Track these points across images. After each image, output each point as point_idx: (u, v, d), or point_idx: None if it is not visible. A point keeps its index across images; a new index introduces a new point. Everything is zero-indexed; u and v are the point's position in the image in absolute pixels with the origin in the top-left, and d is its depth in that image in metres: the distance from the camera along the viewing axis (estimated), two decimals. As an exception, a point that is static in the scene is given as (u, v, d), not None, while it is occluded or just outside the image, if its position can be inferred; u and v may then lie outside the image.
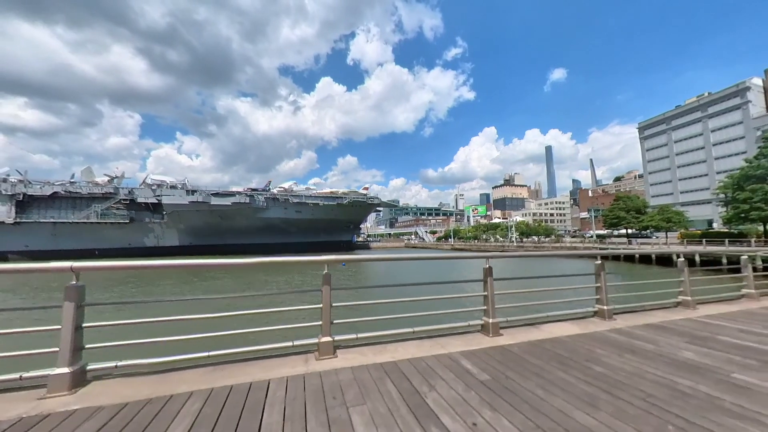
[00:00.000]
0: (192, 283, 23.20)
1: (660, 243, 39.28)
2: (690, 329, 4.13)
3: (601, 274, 4.66)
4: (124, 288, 21.02)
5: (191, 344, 2.91)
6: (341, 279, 23.93)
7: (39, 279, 23.02)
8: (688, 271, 5.47)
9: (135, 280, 23.92)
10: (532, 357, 3.15)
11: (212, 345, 2.96)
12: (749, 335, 3.84)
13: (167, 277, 25.59)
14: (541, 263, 32.77)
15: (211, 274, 26.30)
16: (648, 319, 4.67)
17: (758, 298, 6.17)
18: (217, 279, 24.35)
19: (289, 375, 2.66)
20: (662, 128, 75.89)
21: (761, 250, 8.49)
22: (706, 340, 3.66)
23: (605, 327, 4.23)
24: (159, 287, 21.46)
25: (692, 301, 5.38)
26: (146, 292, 19.86)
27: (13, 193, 49.18)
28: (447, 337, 3.78)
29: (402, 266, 32.38)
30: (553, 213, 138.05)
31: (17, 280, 23.05)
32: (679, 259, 5.64)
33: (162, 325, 2.93)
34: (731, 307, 5.48)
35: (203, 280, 24.19)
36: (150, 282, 23.32)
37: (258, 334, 3.14)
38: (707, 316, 4.87)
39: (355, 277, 25.63)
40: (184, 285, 22.36)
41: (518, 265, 30.65)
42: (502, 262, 33.11)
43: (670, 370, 2.83)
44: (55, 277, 21.41)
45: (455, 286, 15.91)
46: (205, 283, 22.93)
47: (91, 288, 3.15)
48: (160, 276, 25.66)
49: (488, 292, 3.89)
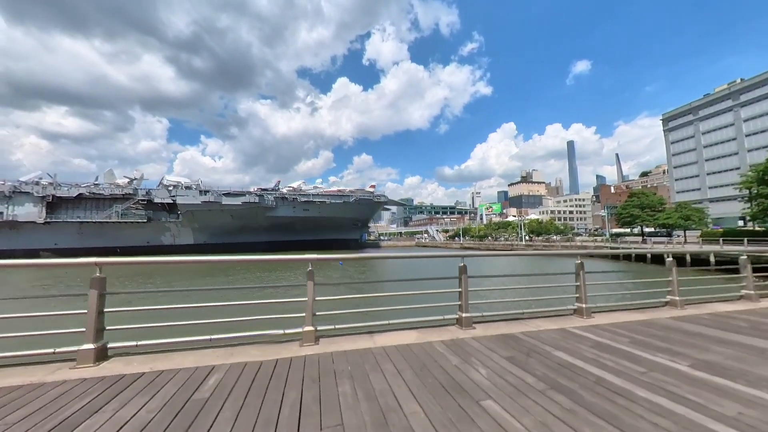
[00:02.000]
0: (202, 278, 24.91)
1: (674, 242, 36.76)
2: (657, 328, 4.17)
3: (580, 274, 4.82)
4: (143, 280, 23.02)
5: (194, 329, 3.50)
6: (343, 275, 24.83)
7: (69, 272, 25.76)
8: (676, 271, 5.48)
9: (155, 275, 25.86)
10: (497, 347, 3.42)
11: (212, 330, 3.49)
12: (695, 337, 3.78)
13: (181, 272, 27.43)
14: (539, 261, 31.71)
15: (221, 269, 28.12)
16: (627, 317, 4.76)
17: (757, 300, 6.04)
18: (229, 275, 25.80)
19: (279, 357, 3.11)
20: (689, 119, 70.91)
21: (757, 250, 8.23)
22: (663, 339, 3.72)
23: (580, 324, 4.35)
24: (174, 281, 23.32)
25: (680, 301, 5.39)
26: (162, 285, 21.60)
27: (44, 195, 53.20)
28: (422, 329, 4.10)
29: (409, 264, 32.61)
30: (573, 210, 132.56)
31: (51, 273, 26.18)
32: (668, 258, 5.68)
33: (171, 311, 3.58)
34: (722, 308, 5.40)
35: (214, 275, 25.95)
36: (167, 276, 25.24)
37: (252, 322, 3.62)
38: (685, 317, 4.82)
39: (360, 275, 26.18)
40: (195, 279, 24.15)
41: (526, 263, 29.90)
42: (505, 260, 32.49)
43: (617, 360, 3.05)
44: (80, 271, 23.74)
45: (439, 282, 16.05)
46: (216, 278, 24.56)
47: (113, 280, 3.80)
48: (177, 272, 27.57)
49: (462, 288, 4.19)
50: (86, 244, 55.76)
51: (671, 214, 39.62)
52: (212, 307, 3.80)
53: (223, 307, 3.75)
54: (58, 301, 12.19)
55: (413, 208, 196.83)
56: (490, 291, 5.55)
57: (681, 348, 3.39)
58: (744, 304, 5.74)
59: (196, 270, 27.87)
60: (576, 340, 3.67)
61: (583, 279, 4.78)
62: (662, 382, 2.59)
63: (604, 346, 3.49)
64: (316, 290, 3.68)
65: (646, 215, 42.03)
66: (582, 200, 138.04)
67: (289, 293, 3.09)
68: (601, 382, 2.59)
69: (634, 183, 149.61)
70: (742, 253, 6.49)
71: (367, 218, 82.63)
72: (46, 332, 3.11)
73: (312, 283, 3.61)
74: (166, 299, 11.60)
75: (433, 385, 2.54)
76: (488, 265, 29.85)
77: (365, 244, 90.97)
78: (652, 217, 41.77)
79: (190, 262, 3.65)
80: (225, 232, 64.95)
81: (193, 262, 3.67)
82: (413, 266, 30.85)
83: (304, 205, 67.50)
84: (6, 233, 52.79)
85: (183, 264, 3.68)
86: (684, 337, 3.77)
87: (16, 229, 52.84)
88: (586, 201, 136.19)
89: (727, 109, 63.69)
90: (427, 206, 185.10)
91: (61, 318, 3.21)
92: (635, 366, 2.92)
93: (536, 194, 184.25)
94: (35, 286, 21.16)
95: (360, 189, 76.94)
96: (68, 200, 55.26)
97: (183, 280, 24.05)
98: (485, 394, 2.39)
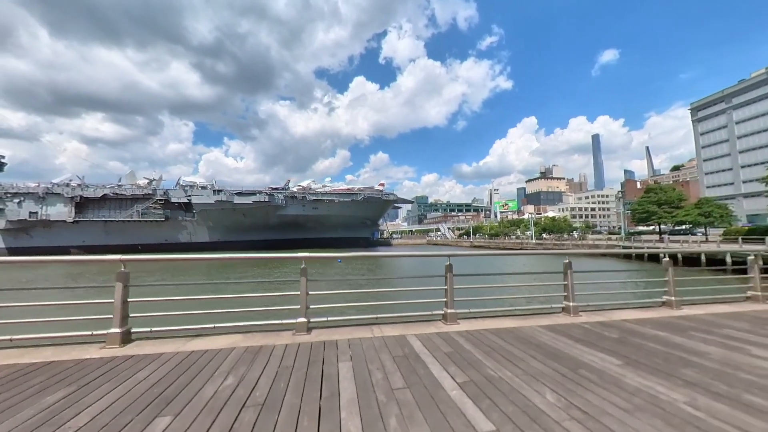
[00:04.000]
0: (218, 273, 26.60)
1: (690, 241, 34.21)
2: (633, 329, 4.19)
3: (568, 273, 4.94)
4: (162, 275, 24.75)
5: (203, 318, 4.09)
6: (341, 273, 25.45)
7: (90, 268, 28.41)
8: (672, 271, 5.42)
9: (174, 270, 28.05)
10: (477, 340, 3.67)
11: (220, 319, 4.04)
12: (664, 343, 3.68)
13: (199, 268, 29.62)
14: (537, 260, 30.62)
15: (232, 266, 29.92)
16: (617, 316, 4.82)
17: (764, 302, 5.83)
18: (239, 271, 27.29)
19: (276, 344, 3.56)
20: (721, 107, 65.60)
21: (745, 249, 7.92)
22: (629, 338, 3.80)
23: (564, 321, 4.49)
24: (190, 275, 25.56)
25: (676, 301, 5.37)
26: (180, 279, 23.56)
27: (73, 196, 57.26)
28: (410, 323, 4.39)
29: (413, 262, 32.64)
30: (595, 207, 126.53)
31: (79, 268, 29.08)
32: (664, 258, 5.61)
33: (184, 302, 4.20)
34: (721, 309, 5.30)
35: (226, 271, 27.58)
36: (185, 271, 27.54)
37: (253, 313, 4.16)
38: (678, 317, 4.81)
39: (357, 272, 26.54)
40: (211, 274, 25.96)
41: (524, 263, 29.05)
42: (501, 260, 31.64)
43: None
44: (101, 267, 26.02)
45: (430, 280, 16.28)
46: (228, 273, 26.16)
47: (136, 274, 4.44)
48: (196, 267, 29.86)
49: (448, 285, 4.41)
50: (110, 241, 59.50)
51: (690, 211, 36.93)
52: (220, 299, 4.34)
53: (229, 299, 4.38)
54: (86, 292, 13.61)
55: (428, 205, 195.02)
56: (485, 289, 5.64)
57: (634, 350, 3.38)
58: (747, 306, 5.54)
59: (211, 266, 29.81)
60: (556, 336, 3.83)
61: (570, 278, 4.89)
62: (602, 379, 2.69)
63: (585, 342, 3.63)
64: (311, 286, 4.10)
65: (663, 212, 39.40)
66: (605, 196, 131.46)
67: (290, 287, 3.57)
68: (580, 367, 2.88)
69: (664, 178, 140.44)
70: (751, 252, 6.23)
71: (377, 216, 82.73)
72: (81, 317, 3.72)
73: (305, 279, 3.99)
74: (180, 291, 12.48)
75: (408, 374, 2.77)
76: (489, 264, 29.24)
77: (376, 242, 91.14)
78: (669, 214, 39.12)
79: (192, 259, 4.30)
80: (238, 230, 67.18)
81: (194, 260, 4.38)
82: (416, 264, 30.61)
83: (313, 204, 68.60)
84: (40, 231, 57.35)
85: (186, 261, 4.52)
86: (662, 339, 3.78)
87: (48, 228, 57.22)
88: (610, 197, 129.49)
89: (765, 96, 58.37)
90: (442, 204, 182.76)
91: (91, 306, 3.93)
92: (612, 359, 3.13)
93: (556, 191, 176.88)
94: (66, 277, 23.69)
95: (369, 187, 77.12)
96: (94, 200, 59.16)
97: (199, 274, 26.10)
98: (454, 382, 2.61)
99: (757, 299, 5.86)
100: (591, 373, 2.79)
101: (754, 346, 3.48)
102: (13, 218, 55.19)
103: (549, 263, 29.44)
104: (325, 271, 26.12)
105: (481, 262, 30.23)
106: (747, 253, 6.32)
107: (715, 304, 5.71)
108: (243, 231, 67.47)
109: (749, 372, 2.83)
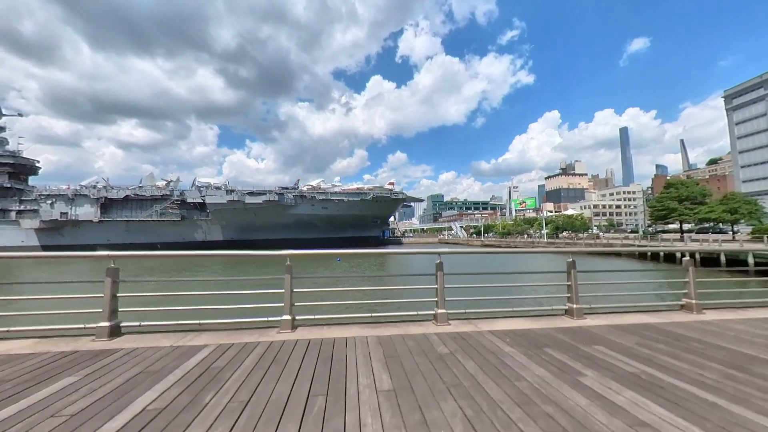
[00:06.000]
0: (232, 269, 28.46)
1: (709, 240, 31.38)
2: (649, 334, 3.82)
3: (571, 273, 4.67)
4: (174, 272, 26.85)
5: (191, 314, 4.19)
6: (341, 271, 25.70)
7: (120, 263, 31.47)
8: (693, 271, 4.99)
9: (190, 267, 30.08)
10: (466, 343, 3.50)
11: (206, 315, 4.19)
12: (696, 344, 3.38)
13: (210, 264, 31.09)
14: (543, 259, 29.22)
15: (238, 263, 31.72)
16: (628, 319, 4.47)
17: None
18: (244, 267, 28.98)
19: (260, 340, 3.60)
20: (759, 94, 60.03)
21: None
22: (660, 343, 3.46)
23: (566, 324, 4.23)
24: (200, 271, 26.83)
25: (696, 304, 4.91)
26: (193, 275, 25.03)
27: (98, 197, 61.11)
28: (398, 323, 4.25)
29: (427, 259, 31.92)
30: (621, 204, 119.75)
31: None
32: (684, 258, 5.19)
33: (178, 298, 4.35)
34: (751, 314, 4.78)
35: (236, 267, 29.42)
36: (197, 268, 29.19)
37: (239, 310, 4.28)
38: (701, 322, 4.38)
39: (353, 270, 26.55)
40: (226, 269, 27.64)
41: (542, 261, 27.97)
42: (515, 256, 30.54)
43: None
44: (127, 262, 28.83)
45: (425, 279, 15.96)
46: (237, 269, 27.93)
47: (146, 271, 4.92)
48: (207, 263, 31.45)
49: (438, 285, 4.24)
50: (132, 240, 62.98)
51: (714, 207, 33.99)
52: (209, 295, 4.38)
53: (216, 296, 4.40)
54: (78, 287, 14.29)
55: (443, 204, 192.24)
56: (480, 289, 5.32)
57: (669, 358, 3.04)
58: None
59: (221, 262, 31.82)
60: (555, 340, 3.57)
61: (574, 278, 4.63)
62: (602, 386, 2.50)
63: (587, 348, 3.32)
64: (303, 285, 4.19)
65: (684, 209, 36.51)
66: (632, 193, 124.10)
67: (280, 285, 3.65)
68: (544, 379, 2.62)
69: (700, 172, 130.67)
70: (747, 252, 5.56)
71: (386, 215, 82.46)
72: (71, 311, 3.96)
73: (289, 276, 4.00)
74: (173, 287, 12.52)
75: (396, 372, 2.72)
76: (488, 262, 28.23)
77: (387, 240, 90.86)
78: (691, 210, 36.20)
79: (174, 256, 4.36)
80: (250, 229, 69.07)
81: (179, 256, 4.48)
82: (422, 262, 29.68)
83: (322, 203, 69.35)
84: (70, 230, 61.70)
85: (174, 258, 4.56)
86: (687, 345, 3.40)
87: (77, 227, 61.49)
88: (638, 194, 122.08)
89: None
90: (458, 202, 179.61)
91: (84, 300, 4.09)
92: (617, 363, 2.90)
93: (577, 187, 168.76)
94: (91, 272, 25.23)
95: (378, 186, 76.99)
96: (117, 201, 62.85)
97: (209, 270, 27.59)
98: (444, 383, 2.53)
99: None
100: (590, 384, 2.51)
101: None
102: (47, 218, 59.73)
103: (556, 263, 28.07)
104: (325, 270, 26.00)
105: (480, 261, 29.24)
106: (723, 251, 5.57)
107: (743, 309, 5.14)
108: (255, 230, 69.29)
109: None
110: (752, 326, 4.08)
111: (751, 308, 5.20)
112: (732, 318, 4.50)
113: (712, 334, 3.79)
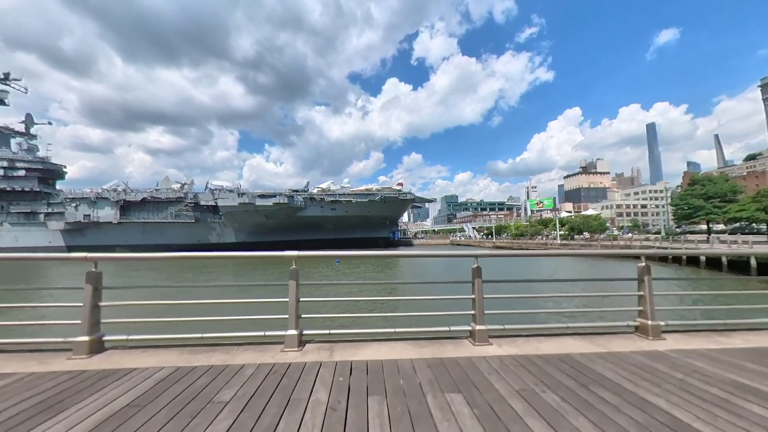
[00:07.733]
0: (246, 273, 27.88)
1: (739, 241, 28.41)
2: None
3: (645, 280, 3.74)
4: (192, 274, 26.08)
5: (182, 326, 3.55)
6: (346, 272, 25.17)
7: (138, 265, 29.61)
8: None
9: (203, 269, 29.36)
10: (511, 371, 2.76)
11: (200, 328, 3.48)
12: None
13: (223, 267, 30.42)
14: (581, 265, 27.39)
15: (252, 265, 31.13)
16: (726, 342, 3.50)
17: None
18: (258, 271, 28.53)
19: (260, 362, 2.99)
20: (802, 83, 54.84)
21: None
22: None
23: (644, 348, 3.35)
24: (215, 274, 26.08)
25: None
26: (206, 279, 23.82)
27: (118, 199, 63.82)
28: (426, 341, 3.53)
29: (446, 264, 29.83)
30: (646, 204, 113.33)
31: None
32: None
33: (165, 307, 3.71)
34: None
35: (249, 271, 28.88)
36: (212, 270, 28.61)
37: (237, 322, 3.53)
38: None
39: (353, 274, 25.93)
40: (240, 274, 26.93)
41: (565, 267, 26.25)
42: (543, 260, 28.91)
43: None
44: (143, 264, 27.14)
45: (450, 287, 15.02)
46: (247, 274, 27.20)
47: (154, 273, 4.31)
48: (222, 267, 30.74)
49: (476, 295, 3.54)
50: (149, 241, 65.29)
51: (747, 205, 31.00)
52: (203, 304, 3.66)
53: (213, 305, 3.64)
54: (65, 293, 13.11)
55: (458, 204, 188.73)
56: (517, 300, 4.46)
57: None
58: None
59: (234, 265, 31.26)
60: (641, 373, 2.70)
61: (649, 287, 3.72)
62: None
63: (689, 385, 2.49)
64: (310, 292, 3.54)
65: (712, 206, 33.56)
66: (659, 192, 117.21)
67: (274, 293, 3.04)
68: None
69: (736, 169, 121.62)
70: None
71: (395, 216, 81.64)
72: (52, 322, 3.40)
73: (295, 283, 3.35)
74: (164, 295, 11.63)
75: (417, 414, 2.08)
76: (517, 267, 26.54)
77: (397, 242, 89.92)
78: (720, 209, 33.23)
79: (164, 258, 3.80)
80: (261, 231, 70.08)
81: (170, 258, 3.87)
82: (442, 266, 28.24)
83: (331, 205, 69.47)
84: (92, 231, 64.72)
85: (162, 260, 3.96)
86: None
87: (99, 228, 64.41)
88: (665, 192, 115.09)
89: None
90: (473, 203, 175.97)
91: (61, 310, 3.46)
92: None
93: (599, 186, 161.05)
94: (114, 276, 24.61)
95: (386, 187, 76.34)
96: (135, 203, 65.39)
97: (223, 273, 26.99)
98: None
99: None
100: None
101: None
102: (71, 220, 63.05)
103: (606, 268, 26.01)
104: (326, 273, 24.84)
105: (510, 265, 26.95)
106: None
107: None
108: (267, 232, 70.23)
109: None
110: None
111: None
112: None
113: None
